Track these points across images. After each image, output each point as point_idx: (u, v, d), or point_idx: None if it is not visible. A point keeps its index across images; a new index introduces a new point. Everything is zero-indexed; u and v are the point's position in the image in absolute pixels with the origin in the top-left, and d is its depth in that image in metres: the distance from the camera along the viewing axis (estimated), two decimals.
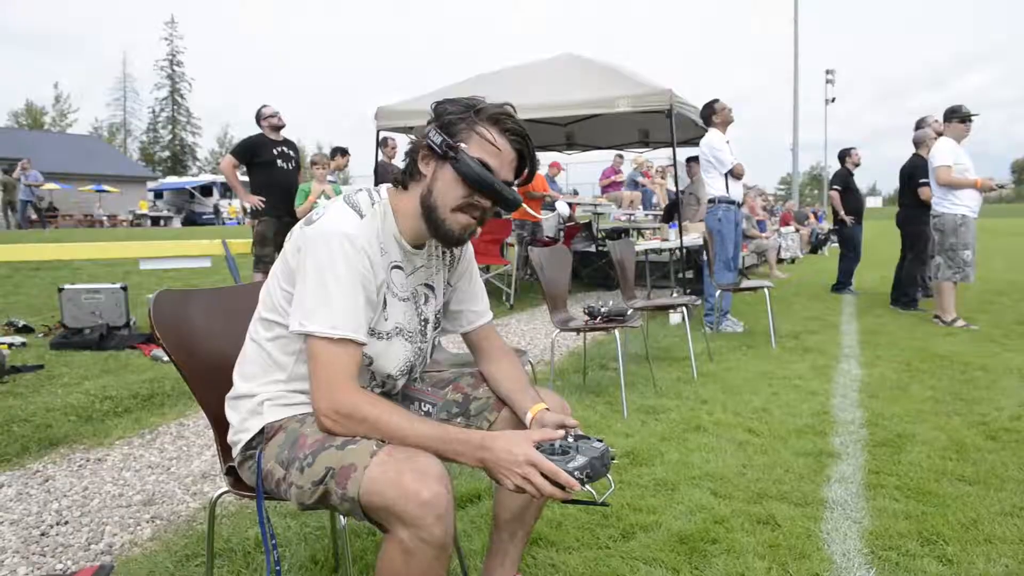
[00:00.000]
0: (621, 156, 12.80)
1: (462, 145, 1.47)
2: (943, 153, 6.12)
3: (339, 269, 1.42)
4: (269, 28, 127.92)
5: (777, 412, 3.69)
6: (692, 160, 9.36)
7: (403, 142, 8.82)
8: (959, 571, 2.07)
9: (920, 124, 7.39)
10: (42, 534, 2.43)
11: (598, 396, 4.05)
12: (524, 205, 8.17)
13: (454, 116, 1.50)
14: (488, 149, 1.49)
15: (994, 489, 2.64)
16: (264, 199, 6.43)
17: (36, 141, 36.44)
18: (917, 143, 7.35)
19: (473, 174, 1.47)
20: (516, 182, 1.57)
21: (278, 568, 1.57)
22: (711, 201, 6.21)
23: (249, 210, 6.63)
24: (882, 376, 4.45)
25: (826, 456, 3.03)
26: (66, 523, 2.52)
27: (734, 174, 6.14)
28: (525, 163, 1.56)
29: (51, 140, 39.29)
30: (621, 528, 2.36)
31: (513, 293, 8.09)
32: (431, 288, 1.69)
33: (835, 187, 8.76)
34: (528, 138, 1.54)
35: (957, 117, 6.21)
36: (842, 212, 8.75)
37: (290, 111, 7.03)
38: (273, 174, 6.54)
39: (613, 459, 1.42)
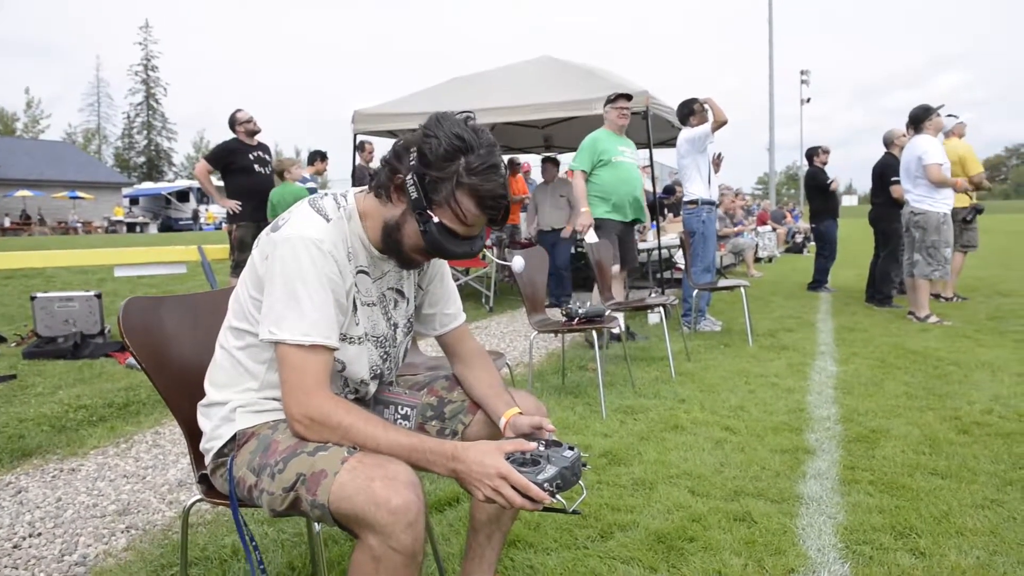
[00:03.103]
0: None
1: (434, 219, 1.43)
2: (935, 152, 6.12)
3: (307, 275, 1.41)
4: (245, 32, 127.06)
5: (754, 410, 3.72)
6: (548, 160, 8.50)
7: (380, 145, 8.78)
8: (931, 563, 2.10)
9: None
10: (14, 546, 2.39)
11: (577, 397, 4.06)
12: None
13: (437, 173, 1.41)
14: (461, 219, 1.44)
15: (966, 482, 2.69)
16: (241, 204, 6.38)
17: (7, 148, 35.88)
18: (888, 142, 7.46)
19: (436, 245, 1.46)
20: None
21: (262, 567, 1.55)
22: (692, 202, 6.22)
23: (227, 215, 6.56)
24: (857, 372, 4.51)
25: (802, 452, 3.06)
26: (39, 535, 2.48)
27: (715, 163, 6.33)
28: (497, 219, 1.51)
29: (23, 147, 38.70)
30: (599, 528, 2.37)
31: (492, 296, 8.09)
32: (400, 292, 1.68)
33: (830, 180, 8.78)
34: (506, 200, 1.46)
35: (935, 112, 6.30)
36: (835, 182, 8.82)
37: (268, 115, 6.97)
38: (251, 179, 6.49)
39: (585, 466, 1.42)
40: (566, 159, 13.29)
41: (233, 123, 6.58)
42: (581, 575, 2.09)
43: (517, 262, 3.66)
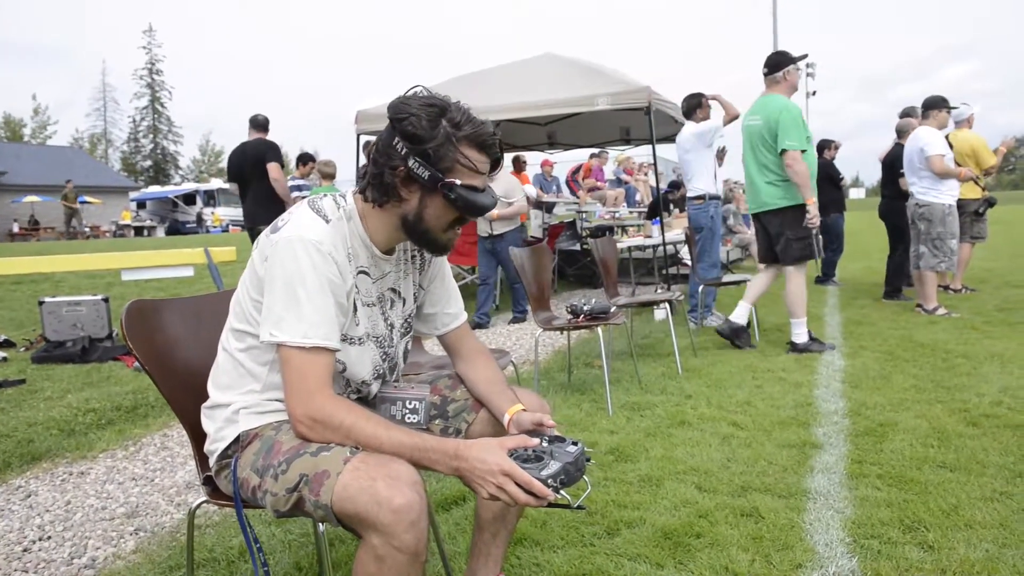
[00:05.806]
0: (595, 155, 12.76)
1: (457, 182, 1.45)
2: (936, 143, 6.06)
3: (307, 276, 1.41)
4: (249, 34, 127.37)
5: (761, 405, 3.71)
6: None
7: None
8: (940, 557, 2.09)
9: (907, 113, 7.43)
10: (24, 550, 2.41)
11: (583, 394, 4.06)
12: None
13: (433, 143, 1.43)
14: (473, 170, 1.47)
15: (975, 475, 2.67)
16: (264, 207, 6.51)
17: (15, 154, 36.03)
18: (900, 132, 7.38)
19: (470, 205, 1.47)
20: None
21: (266, 569, 1.56)
22: (699, 198, 6.17)
23: (247, 216, 6.73)
24: (865, 366, 4.48)
25: (809, 447, 3.05)
26: (49, 538, 2.50)
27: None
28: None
29: (31, 152, 38.82)
30: (606, 525, 2.37)
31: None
32: (397, 293, 1.68)
33: (841, 177, 9.06)
34: (498, 135, 1.52)
35: (946, 107, 6.26)
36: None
37: (272, 116, 7.07)
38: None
39: (588, 461, 1.42)
40: (569, 156, 13.32)
41: (262, 125, 6.88)
42: (588, 572, 2.09)
43: (529, 189, 3.67)
